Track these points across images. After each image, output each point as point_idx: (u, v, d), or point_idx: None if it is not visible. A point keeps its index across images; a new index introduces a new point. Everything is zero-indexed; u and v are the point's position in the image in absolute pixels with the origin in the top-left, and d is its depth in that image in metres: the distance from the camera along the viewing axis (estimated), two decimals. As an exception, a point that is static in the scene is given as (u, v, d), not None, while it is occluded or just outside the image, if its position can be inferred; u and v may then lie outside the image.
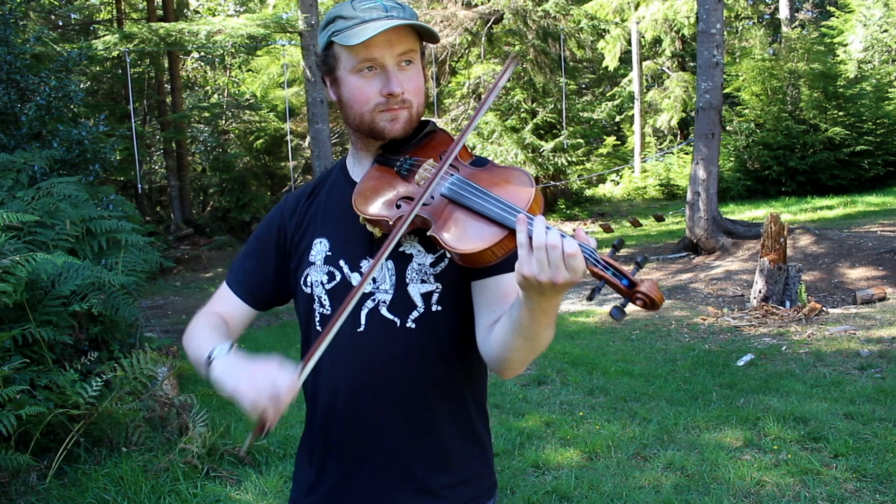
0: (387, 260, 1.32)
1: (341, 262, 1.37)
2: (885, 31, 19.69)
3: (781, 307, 7.35)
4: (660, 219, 15.95)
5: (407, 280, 1.33)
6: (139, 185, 13.45)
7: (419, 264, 1.33)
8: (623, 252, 13.25)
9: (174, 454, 3.78)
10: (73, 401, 3.67)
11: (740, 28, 25.09)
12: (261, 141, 20.21)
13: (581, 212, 19.10)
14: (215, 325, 1.41)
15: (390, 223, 1.26)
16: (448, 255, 1.31)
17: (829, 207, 14.80)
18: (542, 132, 17.68)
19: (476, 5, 17.67)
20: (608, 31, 20.75)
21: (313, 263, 1.39)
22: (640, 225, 15.95)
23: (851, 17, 20.61)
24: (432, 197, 1.25)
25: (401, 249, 1.33)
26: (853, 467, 3.64)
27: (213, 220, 18.73)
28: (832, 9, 22.61)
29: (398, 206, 1.27)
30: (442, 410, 1.36)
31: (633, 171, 22.59)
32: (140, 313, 5.29)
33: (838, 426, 4.19)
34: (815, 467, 3.67)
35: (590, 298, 1.09)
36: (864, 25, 19.94)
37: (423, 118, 1.40)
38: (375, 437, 1.34)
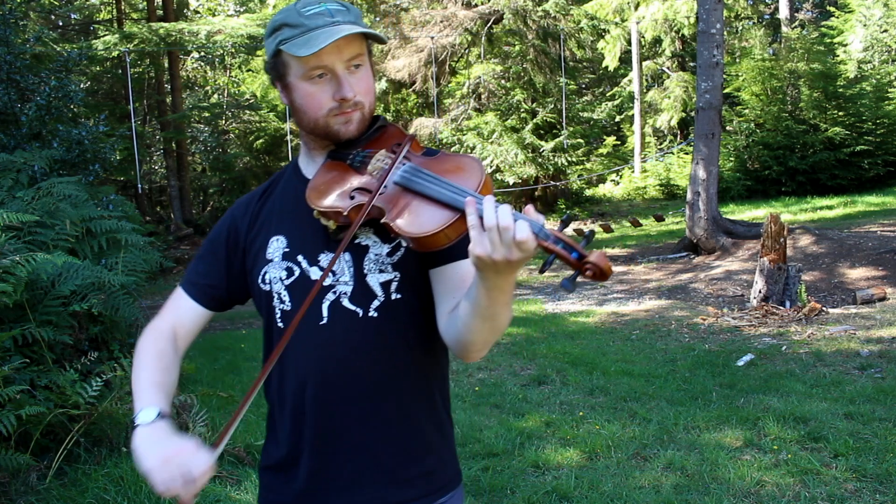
0: (344, 252, 1.35)
1: (299, 258, 1.38)
2: (885, 31, 19.69)
3: (781, 307, 7.35)
4: (660, 219, 15.95)
5: (365, 271, 1.35)
6: (139, 185, 13.45)
7: (376, 254, 1.35)
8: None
9: (174, 454, 3.77)
10: (73, 401, 3.67)
11: (740, 28, 25.09)
12: (261, 141, 20.21)
13: (581, 212, 19.09)
14: (159, 354, 1.40)
15: (344, 214, 1.29)
16: (403, 244, 1.34)
17: (829, 207, 14.80)
18: (542, 132, 17.67)
19: (476, 5, 17.66)
20: (608, 31, 20.74)
21: (271, 261, 1.40)
22: (640, 225, 15.94)
23: (851, 17, 20.61)
24: (385, 186, 1.28)
25: (356, 241, 1.35)
26: (853, 467, 3.64)
27: (213, 220, 18.73)
28: (832, 9, 22.61)
29: (352, 198, 1.30)
30: (408, 398, 1.38)
31: (633, 171, 22.58)
32: (140, 313, 5.29)
33: (838, 426, 4.19)
34: (815, 467, 3.67)
35: (541, 271, 1.14)
36: (864, 25, 19.93)
37: (374, 113, 1.43)
38: (344, 429, 1.35)
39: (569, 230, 14.48)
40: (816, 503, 3.35)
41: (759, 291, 7.59)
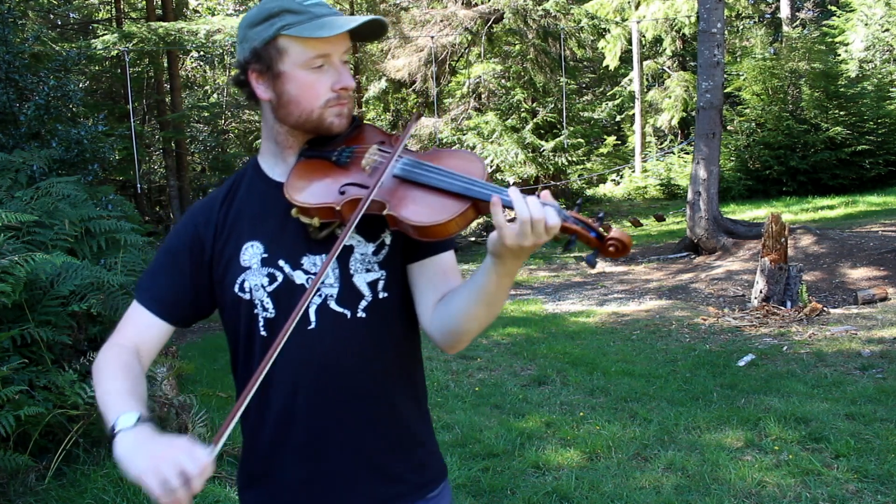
0: (325, 253, 1.32)
1: (281, 262, 1.34)
2: (887, 30, 19.66)
3: (782, 307, 7.33)
4: (660, 219, 15.93)
5: (351, 271, 1.34)
6: (138, 185, 13.41)
7: (361, 254, 1.34)
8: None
9: (173, 455, 3.76)
10: (71, 401, 3.66)
11: (741, 27, 25.07)
12: (260, 141, 20.18)
13: (581, 212, 19.04)
14: (125, 366, 1.31)
15: (337, 209, 1.27)
16: (388, 242, 1.34)
17: (831, 207, 14.78)
18: (542, 132, 17.64)
19: (476, 5, 17.64)
20: (608, 30, 20.70)
21: (248, 268, 1.34)
22: (641, 225, 15.93)
23: (853, 17, 20.58)
24: (381, 180, 1.28)
25: None
26: (854, 468, 3.63)
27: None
28: (833, 8, 22.60)
29: (342, 193, 1.28)
30: (398, 396, 1.38)
31: (633, 171, 22.58)
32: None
33: (839, 427, 4.18)
34: (817, 468, 3.66)
35: (565, 250, 1.21)
36: (866, 25, 19.91)
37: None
38: (338, 431, 1.33)
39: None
40: (818, 504, 3.34)
41: (760, 291, 7.57)
